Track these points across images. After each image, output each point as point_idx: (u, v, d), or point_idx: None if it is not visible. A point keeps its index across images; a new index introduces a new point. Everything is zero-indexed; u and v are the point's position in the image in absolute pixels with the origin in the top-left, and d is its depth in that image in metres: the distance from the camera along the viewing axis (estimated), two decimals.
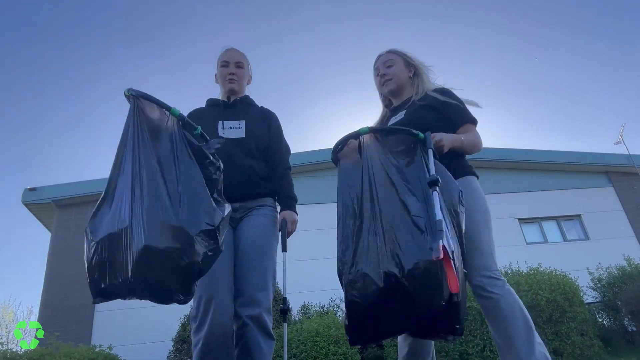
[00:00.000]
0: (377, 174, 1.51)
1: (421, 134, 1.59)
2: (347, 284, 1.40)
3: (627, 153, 9.41)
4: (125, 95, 1.51)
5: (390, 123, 1.96)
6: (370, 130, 1.60)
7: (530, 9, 18.16)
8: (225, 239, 1.84)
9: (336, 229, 1.57)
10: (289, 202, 2.05)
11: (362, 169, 1.55)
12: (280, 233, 2.00)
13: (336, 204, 1.62)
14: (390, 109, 2.09)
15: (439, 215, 1.35)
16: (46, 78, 17.76)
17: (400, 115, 1.93)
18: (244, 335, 1.70)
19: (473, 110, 1.92)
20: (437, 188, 1.43)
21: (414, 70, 2.03)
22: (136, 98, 1.48)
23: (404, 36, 18.47)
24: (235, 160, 1.96)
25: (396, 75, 2.02)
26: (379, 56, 2.11)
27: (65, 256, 7.35)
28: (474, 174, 1.83)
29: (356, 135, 1.62)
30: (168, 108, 1.51)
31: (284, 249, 2.00)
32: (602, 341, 5.21)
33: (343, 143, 1.67)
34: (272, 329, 1.80)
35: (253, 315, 1.71)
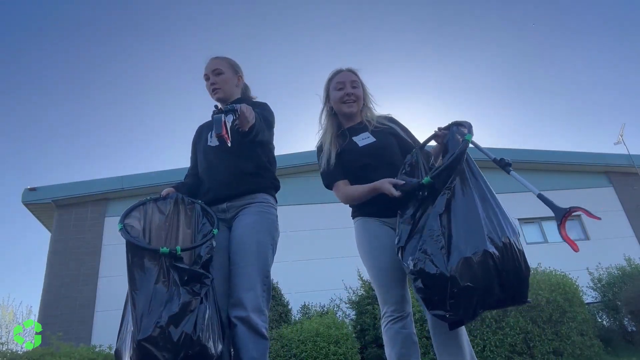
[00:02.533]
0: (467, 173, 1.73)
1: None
2: (453, 274, 1.48)
3: (627, 153, 9.40)
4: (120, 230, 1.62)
5: (360, 144, 2.06)
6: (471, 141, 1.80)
7: (530, 10, 18.16)
8: (221, 240, 1.87)
9: (334, 229, 1.63)
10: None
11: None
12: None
13: (334, 204, 1.68)
14: (342, 128, 2.16)
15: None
16: (46, 78, 17.76)
17: (368, 137, 2.07)
18: (234, 336, 1.71)
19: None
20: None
21: (365, 99, 2.18)
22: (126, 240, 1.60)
23: (405, 35, 18.47)
24: (220, 165, 1.98)
25: (360, 99, 2.13)
26: (340, 71, 2.17)
27: (65, 256, 7.35)
28: None
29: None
30: (157, 250, 1.58)
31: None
32: (602, 341, 5.21)
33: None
34: (272, 329, 1.79)
35: (241, 317, 1.71)
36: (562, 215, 1.58)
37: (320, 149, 2.17)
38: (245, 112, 1.68)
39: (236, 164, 1.97)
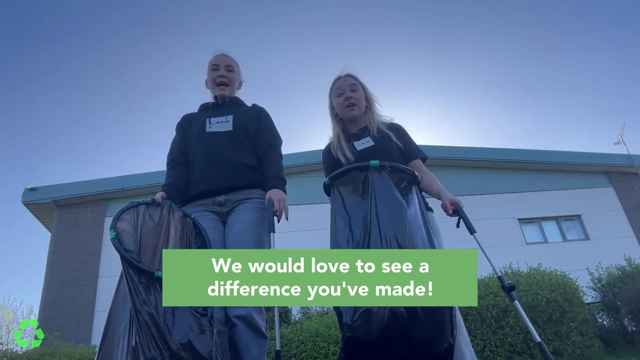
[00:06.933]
0: (386, 207, 1.48)
1: (419, 177, 1.65)
2: (352, 317, 1.29)
3: (627, 153, 9.41)
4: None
5: (359, 148, 2.03)
6: (380, 165, 1.59)
7: (531, 9, 18.17)
8: (216, 235, 1.82)
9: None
10: (275, 182, 1.95)
11: (370, 201, 1.50)
12: (266, 213, 1.87)
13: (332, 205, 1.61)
14: (346, 133, 2.14)
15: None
16: (46, 78, 17.76)
17: (368, 141, 2.04)
18: (233, 335, 1.67)
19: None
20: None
21: (368, 103, 2.17)
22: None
23: (405, 35, 18.48)
24: (222, 153, 1.96)
25: (360, 101, 2.12)
26: (340, 77, 2.19)
27: (65, 256, 7.36)
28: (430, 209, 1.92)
29: (364, 167, 1.59)
30: (152, 273, 1.46)
31: (271, 230, 1.80)
32: (602, 341, 5.22)
33: (346, 173, 1.62)
34: (272, 329, 1.78)
35: (241, 315, 1.67)
36: None
37: (327, 152, 2.16)
38: (286, 213, 1.91)
39: (239, 155, 1.97)
